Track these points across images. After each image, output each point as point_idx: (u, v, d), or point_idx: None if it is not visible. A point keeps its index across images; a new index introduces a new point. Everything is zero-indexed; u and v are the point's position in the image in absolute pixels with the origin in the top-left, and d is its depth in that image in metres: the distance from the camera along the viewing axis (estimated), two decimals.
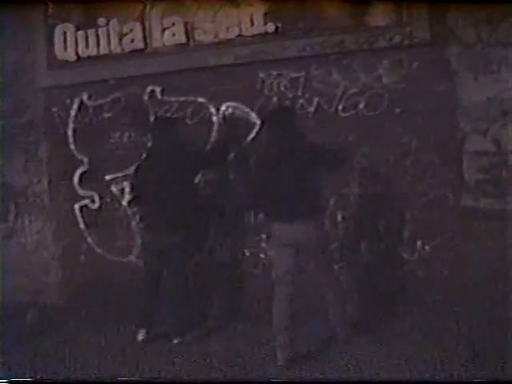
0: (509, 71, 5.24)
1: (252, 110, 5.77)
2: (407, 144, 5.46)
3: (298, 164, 4.72)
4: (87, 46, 6.17)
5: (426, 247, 5.47)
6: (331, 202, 5.51)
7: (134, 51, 6.06)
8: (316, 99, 5.62)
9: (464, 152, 5.38)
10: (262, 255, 5.82)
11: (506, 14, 5.19)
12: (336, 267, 4.92)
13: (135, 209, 6.11)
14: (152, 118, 6.02)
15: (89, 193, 6.32)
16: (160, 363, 4.78)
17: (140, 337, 5.27)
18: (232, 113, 5.84)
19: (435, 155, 5.41)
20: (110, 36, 6.09)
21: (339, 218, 5.56)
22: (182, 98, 5.97)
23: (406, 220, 5.51)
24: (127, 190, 6.11)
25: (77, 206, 6.35)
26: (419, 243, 5.49)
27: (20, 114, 6.50)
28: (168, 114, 5.99)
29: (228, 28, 5.77)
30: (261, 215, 5.12)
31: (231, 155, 5.81)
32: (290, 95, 5.68)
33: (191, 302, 5.39)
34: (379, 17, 5.47)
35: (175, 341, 5.19)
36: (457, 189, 5.39)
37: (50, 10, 6.33)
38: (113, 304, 5.82)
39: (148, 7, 5.99)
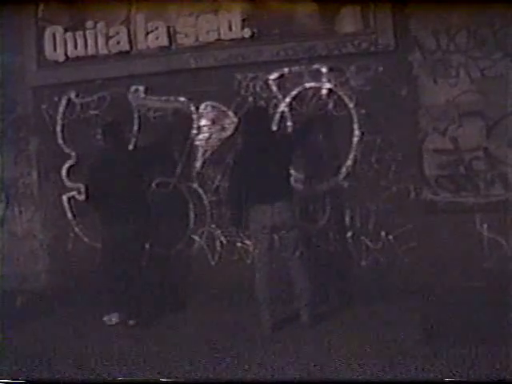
0: (465, 76, 5.69)
1: (229, 109, 6.14)
2: (372, 142, 5.85)
3: (271, 158, 5.09)
4: (75, 47, 6.44)
5: (390, 237, 5.86)
6: (302, 192, 5.85)
7: (120, 53, 6.38)
8: (288, 99, 5.98)
9: (424, 150, 5.80)
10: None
11: (463, 25, 5.64)
12: (304, 253, 5.21)
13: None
14: (136, 116, 6.35)
15: (76, 185, 6.55)
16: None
17: (113, 320, 5.58)
18: (210, 111, 6.20)
19: (398, 152, 5.82)
20: (97, 38, 6.38)
21: (310, 207, 5.92)
22: (163, 97, 6.30)
23: (370, 211, 5.89)
24: None
25: (64, 198, 6.60)
26: (383, 233, 5.88)
27: (11, 111, 6.73)
28: (151, 112, 6.31)
29: (208, 32, 6.12)
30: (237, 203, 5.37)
31: (209, 151, 6.18)
32: (265, 95, 6.04)
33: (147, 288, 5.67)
34: (348, 24, 5.89)
35: (131, 322, 5.47)
36: (418, 183, 5.81)
37: (39, 12, 6.61)
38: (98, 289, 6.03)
39: (133, 12, 6.31)
